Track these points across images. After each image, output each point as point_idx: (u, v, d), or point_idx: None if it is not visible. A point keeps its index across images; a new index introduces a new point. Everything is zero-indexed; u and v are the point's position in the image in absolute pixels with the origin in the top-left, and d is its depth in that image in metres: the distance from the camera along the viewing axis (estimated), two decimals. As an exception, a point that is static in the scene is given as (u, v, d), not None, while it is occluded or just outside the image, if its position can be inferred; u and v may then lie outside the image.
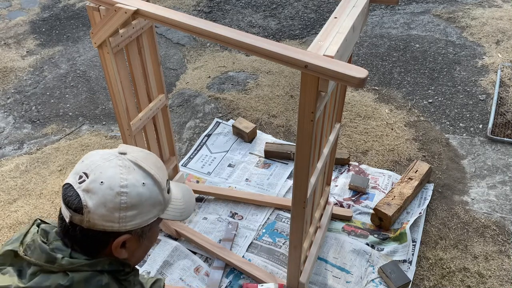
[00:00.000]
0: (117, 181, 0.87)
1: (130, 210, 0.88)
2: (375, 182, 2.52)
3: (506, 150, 2.70)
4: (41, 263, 0.87)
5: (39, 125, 3.09)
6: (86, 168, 0.88)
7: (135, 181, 0.88)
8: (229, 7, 4.40)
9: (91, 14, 1.56)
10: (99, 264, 0.90)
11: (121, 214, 0.87)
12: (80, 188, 0.87)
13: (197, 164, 2.70)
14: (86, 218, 0.86)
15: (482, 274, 2.07)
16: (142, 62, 1.85)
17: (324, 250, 2.17)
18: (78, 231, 0.88)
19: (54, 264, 0.87)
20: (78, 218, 0.87)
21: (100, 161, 0.89)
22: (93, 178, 0.87)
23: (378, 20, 4.08)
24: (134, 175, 0.89)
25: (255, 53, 1.23)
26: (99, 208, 0.86)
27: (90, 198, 0.86)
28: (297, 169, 1.44)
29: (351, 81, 1.09)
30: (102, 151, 0.93)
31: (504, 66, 3.34)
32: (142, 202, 0.89)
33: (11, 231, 2.33)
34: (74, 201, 0.87)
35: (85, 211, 0.86)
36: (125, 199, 0.87)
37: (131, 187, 0.88)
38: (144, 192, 0.89)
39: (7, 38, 4.06)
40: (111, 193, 0.86)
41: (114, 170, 0.88)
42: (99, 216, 0.86)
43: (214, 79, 3.42)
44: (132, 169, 0.89)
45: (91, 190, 0.86)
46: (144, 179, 0.90)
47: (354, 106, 3.08)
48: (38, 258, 0.88)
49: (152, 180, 0.91)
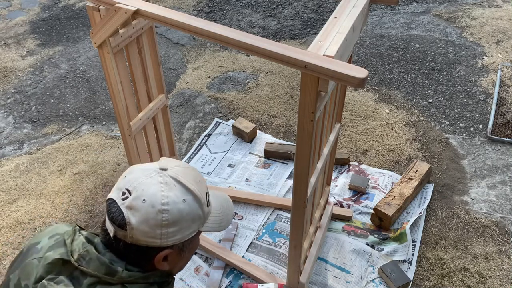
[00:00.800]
0: (159, 198, 0.88)
1: (171, 226, 0.90)
2: (375, 182, 2.52)
3: (506, 150, 2.70)
4: (100, 275, 0.89)
5: (39, 125, 3.09)
6: (129, 185, 0.90)
7: (175, 198, 0.90)
8: (229, 7, 4.40)
9: (91, 14, 1.56)
10: (151, 277, 0.94)
11: (162, 231, 0.89)
12: (124, 205, 0.89)
13: (197, 164, 2.70)
14: (130, 234, 0.89)
15: (482, 274, 2.07)
16: (142, 62, 1.85)
17: (324, 250, 2.17)
18: (122, 245, 0.91)
19: (114, 276, 0.89)
20: (121, 234, 0.90)
21: (142, 178, 0.91)
22: (135, 195, 0.89)
23: (378, 20, 4.08)
24: (174, 192, 0.90)
25: (255, 53, 1.23)
26: (142, 225, 0.88)
27: (133, 215, 0.88)
28: (297, 169, 1.44)
29: (351, 81, 1.09)
30: (144, 166, 0.94)
31: (504, 66, 3.34)
32: (182, 218, 0.91)
33: (11, 231, 2.34)
34: (118, 217, 0.89)
35: (128, 228, 0.88)
36: (167, 217, 0.89)
37: (172, 204, 0.89)
38: (184, 208, 0.91)
39: (7, 38, 4.06)
40: (153, 210, 0.88)
41: (156, 188, 0.89)
42: (141, 233, 0.88)
43: (214, 79, 3.42)
44: (173, 186, 0.91)
45: (134, 207, 0.88)
46: (185, 196, 0.91)
47: (354, 106, 3.08)
48: (97, 270, 0.89)
49: (192, 196, 0.93)
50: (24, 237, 2.31)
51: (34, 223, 2.38)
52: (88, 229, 2.33)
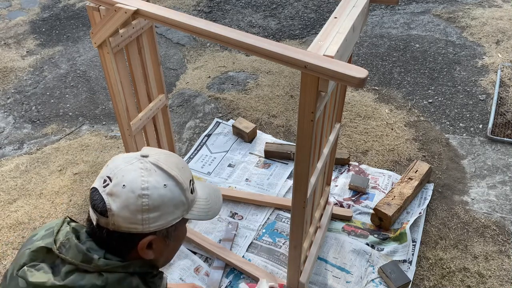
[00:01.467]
0: (139, 184, 0.89)
1: (152, 212, 0.90)
2: (375, 182, 2.52)
3: (506, 150, 2.70)
4: (77, 262, 0.90)
5: (39, 125, 3.09)
6: (110, 172, 0.91)
7: (156, 183, 0.90)
8: (229, 7, 4.40)
9: (91, 14, 1.56)
10: (131, 266, 0.93)
11: (144, 216, 0.89)
12: (105, 192, 0.90)
13: (197, 164, 2.70)
14: (111, 221, 0.89)
15: (482, 274, 2.07)
16: (142, 62, 1.85)
17: (324, 250, 2.17)
18: (104, 233, 0.91)
19: (91, 264, 0.90)
20: (103, 221, 0.90)
21: (122, 165, 0.91)
22: (115, 181, 0.89)
23: (378, 20, 4.08)
24: (155, 177, 0.91)
25: (255, 53, 1.23)
26: (123, 211, 0.88)
27: (113, 201, 0.89)
28: (297, 169, 1.44)
29: (351, 81, 1.09)
30: (125, 155, 0.95)
31: (504, 66, 3.34)
32: (164, 204, 0.91)
33: (11, 231, 2.34)
34: (99, 204, 0.90)
35: (109, 214, 0.89)
36: (147, 201, 0.89)
37: (152, 189, 0.90)
38: (165, 193, 0.91)
39: (7, 38, 4.06)
40: (132, 196, 0.88)
41: (135, 173, 0.90)
42: (123, 219, 0.89)
43: (214, 79, 3.42)
44: (153, 171, 0.91)
45: (114, 193, 0.89)
46: (166, 181, 0.92)
47: (354, 106, 3.08)
48: (74, 257, 0.90)
49: (174, 181, 0.93)
50: (24, 237, 2.31)
51: (34, 223, 2.38)
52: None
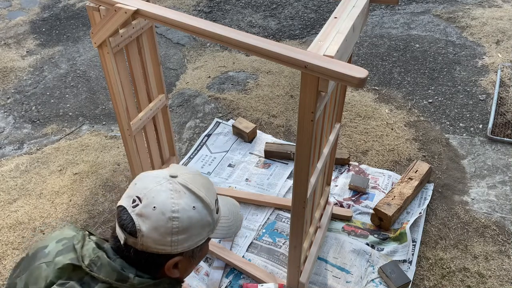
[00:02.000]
0: (169, 206, 0.89)
1: (181, 234, 0.90)
2: (375, 182, 2.52)
3: (506, 150, 2.70)
4: (111, 281, 0.89)
5: (39, 125, 3.09)
6: (139, 192, 0.91)
7: (185, 205, 0.90)
8: (229, 7, 4.40)
9: (91, 14, 1.56)
10: (162, 283, 0.94)
11: (173, 238, 0.89)
12: (134, 212, 0.89)
13: (197, 164, 2.70)
14: (140, 241, 0.89)
15: (482, 274, 2.07)
16: (142, 62, 1.85)
17: (324, 250, 2.17)
18: (132, 252, 0.91)
19: (126, 283, 0.90)
20: (132, 241, 0.90)
21: (152, 185, 0.91)
22: (146, 203, 0.89)
23: (378, 20, 4.08)
24: (184, 200, 0.91)
25: (255, 53, 1.23)
26: (152, 233, 0.88)
27: (143, 222, 0.88)
28: (297, 169, 1.44)
29: (351, 81, 1.09)
30: (154, 173, 0.94)
31: (504, 66, 3.34)
32: (192, 226, 0.91)
33: (11, 231, 2.34)
34: (128, 224, 0.89)
35: (139, 235, 0.89)
36: (177, 224, 0.89)
37: (182, 212, 0.90)
38: (194, 215, 0.91)
39: (7, 38, 4.06)
40: (163, 218, 0.88)
41: (166, 195, 0.90)
42: (152, 240, 0.89)
43: (214, 79, 3.42)
44: (183, 193, 0.91)
45: (144, 215, 0.88)
46: (194, 203, 0.92)
47: (354, 106, 3.08)
48: (108, 276, 0.90)
49: (202, 203, 0.93)
50: (24, 237, 2.31)
51: (34, 223, 2.38)
52: (88, 229, 2.33)
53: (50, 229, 2.34)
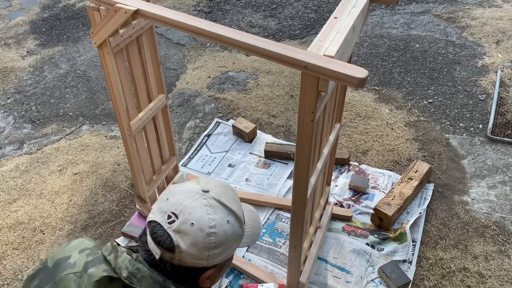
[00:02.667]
0: (206, 222, 0.90)
1: (217, 248, 0.92)
2: (375, 182, 2.52)
3: (506, 150, 2.70)
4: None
5: (39, 125, 3.09)
6: (174, 208, 0.91)
7: (221, 220, 0.92)
8: (229, 7, 4.40)
9: (91, 14, 1.56)
10: None
11: (210, 253, 0.91)
12: (171, 229, 0.90)
13: (197, 164, 2.70)
14: (178, 257, 0.90)
15: (482, 274, 2.07)
16: (142, 62, 1.85)
17: (324, 250, 2.17)
18: (168, 267, 0.92)
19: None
20: (168, 256, 0.91)
21: (187, 201, 0.92)
22: (183, 219, 0.90)
23: (378, 20, 4.08)
24: (219, 214, 0.92)
25: (255, 53, 1.23)
26: (191, 249, 0.89)
27: (181, 239, 0.89)
28: (297, 169, 1.44)
29: (351, 81, 1.09)
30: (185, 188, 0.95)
31: (504, 66, 3.34)
32: (227, 239, 0.93)
33: (11, 231, 2.34)
34: (165, 240, 0.90)
35: (177, 251, 0.90)
36: (214, 239, 0.91)
37: (219, 227, 0.91)
38: (229, 229, 0.93)
39: (7, 38, 4.06)
40: (201, 234, 0.90)
41: (202, 211, 0.91)
42: (190, 256, 0.90)
43: (214, 79, 3.42)
44: (217, 208, 0.93)
45: (182, 231, 0.89)
46: (228, 217, 0.94)
47: (354, 106, 3.08)
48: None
49: (234, 217, 0.95)
50: (24, 237, 2.31)
51: (34, 223, 2.38)
52: (88, 229, 2.33)
53: (50, 229, 2.34)
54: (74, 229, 2.34)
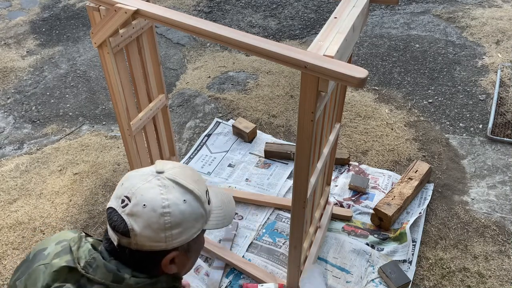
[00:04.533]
0: (159, 202, 0.88)
1: (175, 228, 0.90)
2: (375, 182, 2.52)
3: (506, 150, 2.70)
4: (107, 283, 0.89)
5: (39, 125, 3.09)
6: (127, 192, 0.90)
7: (176, 199, 0.90)
8: (229, 7, 4.40)
9: (91, 14, 1.56)
10: (159, 282, 0.93)
11: (167, 234, 0.89)
12: (124, 212, 0.89)
13: (197, 164, 2.70)
14: (134, 240, 0.89)
15: (482, 274, 2.07)
16: (142, 62, 1.85)
17: (324, 250, 2.17)
18: (127, 252, 0.91)
19: (122, 283, 0.89)
20: (125, 241, 0.89)
21: (139, 183, 0.90)
22: (135, 201, 0.88)
23: (378, 20, 4.08)
24: (174, 194, 0.90)
25: (255, 53, 1.23)
26: (145, 231, 0.88)
27: (135, 221, 0.88)
28: (297, 169, 1.44)
29: (351, 81, 1.09)
30: (140, 172, 0.94)
31: (504, 66, 3.34)
32: (185, 219, 0.91)
33: (11, 231, 2.34)
34: (120, 225, 0.88)
35: (132, 234, 0.88)
36: (169, 219, 0.88)
37: (173, 206, 0.89)
38: (186, 209, 0.90)
39: (7, 38, 4.06)
40: (154, 215, 0.88)
41: (154, 191, 0.89)
42: (146, 238, 0.88)
43: (214, 79, 3.42)
44: (172, 188, 0.91)
45: (135, 213, 0.88)
46: (184, 196, 0.91)
47: (354, 106, 3.08)
48: (104, 277, 0.89)
49: (192, 196, 0.92)
50: (24, 237, 2.31)
51: (34, 223, 2.38)
52: (88, 229, 2.33)
53: (50, 229, 2.34)
54: (74, 229, 2.34)
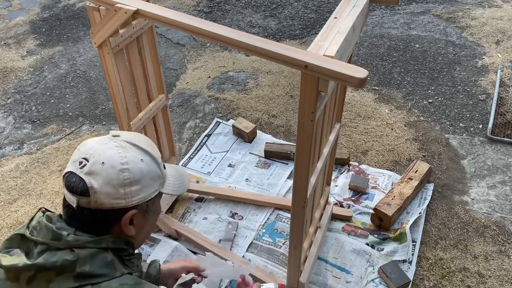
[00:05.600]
0: (117, 159, 0.91)
1: (134, 185, 0.92)
2: (375, 182, 2.52)
3: (506, 150, 2.70)
4: (47, 241, 0.90)
5: (39, 125, 3.09)
6: (85, 154, 0.92)
7: (134, 158, 0.93)
8: (229, 7, 4.40)
9: (91, 14, 1.57)
10: (103, 241, 0.93)
11: (126, 190, 0.91)
12: (83, 172, 0.90)
13: (197, 164, 2.70)
14: (94, 199, 0.90)
15: (482, 274, 2.07)
16: (142, 62, 1.86)
17: (324, 250, 2.17)
18: (86, 213, 0.92)
19: (60, 241, 0.90)
20: (85, 201, 0.91)
21: (96, 145, 0.93)
22: (93, 161, 0.90)
23: (378, 20, 4.08)
24: (131, 153, 0.94)
25: (255, 53, 1.23)
26: (105, 187, 0.90)
27: (94, 179, 0.90)
28: (297, 169, 1.44)
29: (351, 81, 1.09)
30: (96, 138, 0.97)
31: (504, 66, 3.34)
32: (143, 177, 0.94)
33: (11, 231, 2.34)
34: (78, 185, 0.90)
35: (91, 192, 0.90)
36: (128, 175, 0.91)
37: (132, 164, 0.92)
38: (144, 167, 0.94)
39: (7, 38, 4.06)
40: (113, 171, 0.90)
41: (112, 151, 0.92)
42: (105, 195, 0.90)
43: (214, 79, 3.42)
44: (129, 148, 0.94)
45: (94, 172, 0.90)
46: (142, 156, 0.95)
47: (354, 106, 3.08)
48: (45, 237, 0.91)
49: (149, 156, 0.96)
50: (24, 237, 2.31)
51: (34, 223, 2.38)
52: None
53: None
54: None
